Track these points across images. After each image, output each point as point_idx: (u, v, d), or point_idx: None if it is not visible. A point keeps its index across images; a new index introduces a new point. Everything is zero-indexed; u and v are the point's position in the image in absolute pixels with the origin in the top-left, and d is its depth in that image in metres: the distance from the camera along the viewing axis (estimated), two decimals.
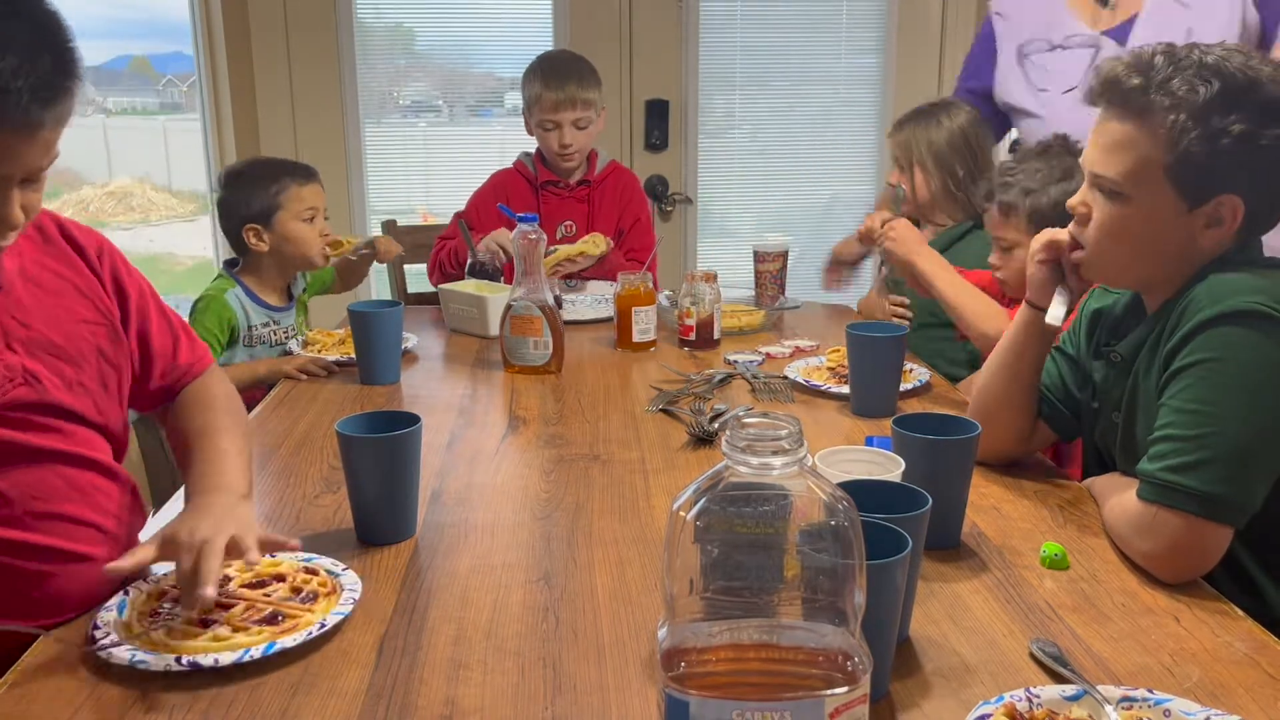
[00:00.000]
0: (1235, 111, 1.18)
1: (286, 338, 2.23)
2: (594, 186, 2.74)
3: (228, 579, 1.12)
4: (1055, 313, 1.39)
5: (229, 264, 2.27)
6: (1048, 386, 1.49)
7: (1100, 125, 1.29)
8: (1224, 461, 1.14)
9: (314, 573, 1.15)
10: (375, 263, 2.51)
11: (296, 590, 1.12)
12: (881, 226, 2.03)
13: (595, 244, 2.50)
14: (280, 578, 1.14)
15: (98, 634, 1.03)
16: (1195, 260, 1.27)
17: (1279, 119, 1.19)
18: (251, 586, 1.12)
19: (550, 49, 3.14)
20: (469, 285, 2.41)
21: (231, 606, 1.07)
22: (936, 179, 2.29)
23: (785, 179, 4.20)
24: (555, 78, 2.60)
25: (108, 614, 1.06)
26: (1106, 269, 1.35)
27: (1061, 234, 1.39)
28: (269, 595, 1.10)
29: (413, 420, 1.28)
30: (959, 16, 3.98)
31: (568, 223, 2.73)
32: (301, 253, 2.21)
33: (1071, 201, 1.35)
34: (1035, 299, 1.43)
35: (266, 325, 2.21)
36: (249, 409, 2.11)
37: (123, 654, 0.99)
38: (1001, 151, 2.62)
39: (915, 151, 2.31)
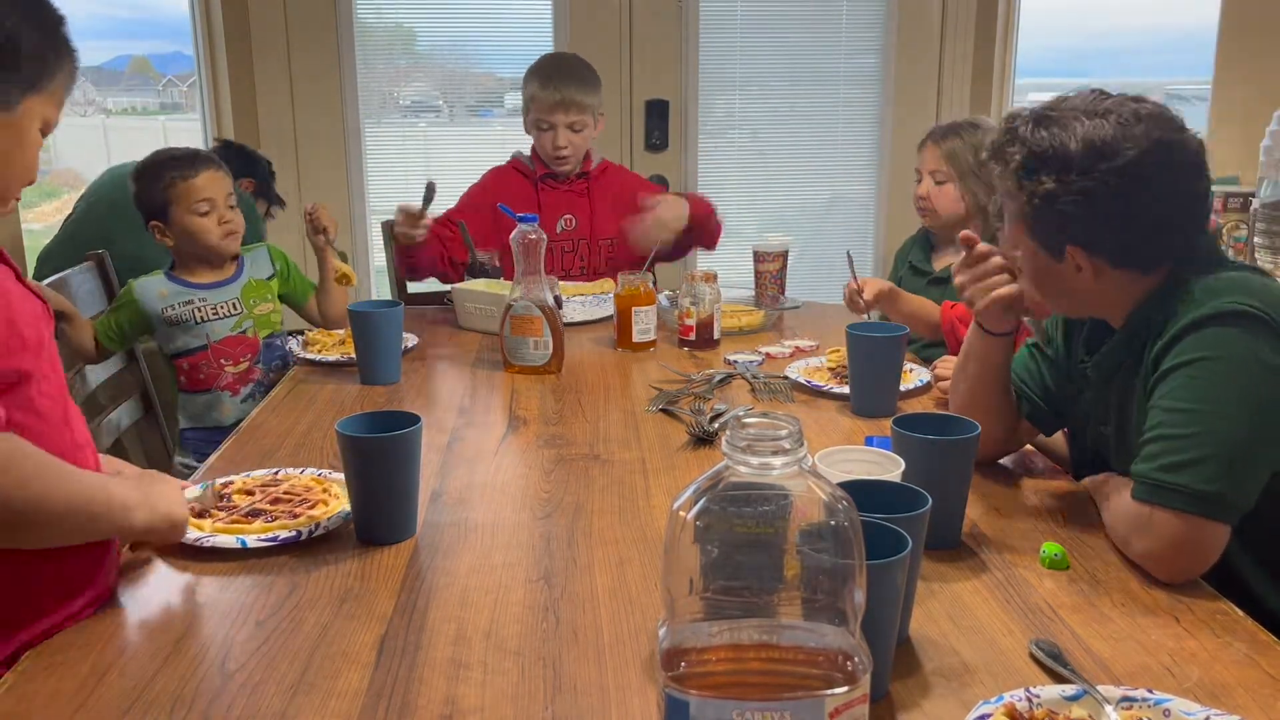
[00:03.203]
0: (1041, 172, 1.26)
1: (218, 314, 2.19)
2: (592, 179, 2.75)
3: (220, 495, 1.36)
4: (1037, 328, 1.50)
5: None
6: (1027, 384, 1.51)
7: None
8: (1216, 459, 1.15)
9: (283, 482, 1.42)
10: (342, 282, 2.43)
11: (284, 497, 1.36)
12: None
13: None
14: (250, 492, 1.38)
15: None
16: (1110, 291, 1.31)
17: (1071, 170, 1.24)
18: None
19: (553, 51, 3.14)
20: (480, 284, 2.41)
21: (248, 511, 1.31)
22: (982, 192, 2.26)
23: (785, 179, 4.20)
24: (553, 79, 2.61)
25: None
26: (1039, 305, 1.42)
27: (1002, 290, 1.44)
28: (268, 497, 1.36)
29: (413, 420, 1.28)
30: (959, 16, 3.98)
31: (567, 217, 2.73)
32: (201, 244, 2.18)
33: (1000, 262, 1.43)
34: (986, 324, 1.48)
35: (188, 303, 2.17)
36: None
37: (227, 541, 1.24)
38: None
39: (962, 162, 2.29)
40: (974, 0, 3.97)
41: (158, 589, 1.18)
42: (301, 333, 2.27)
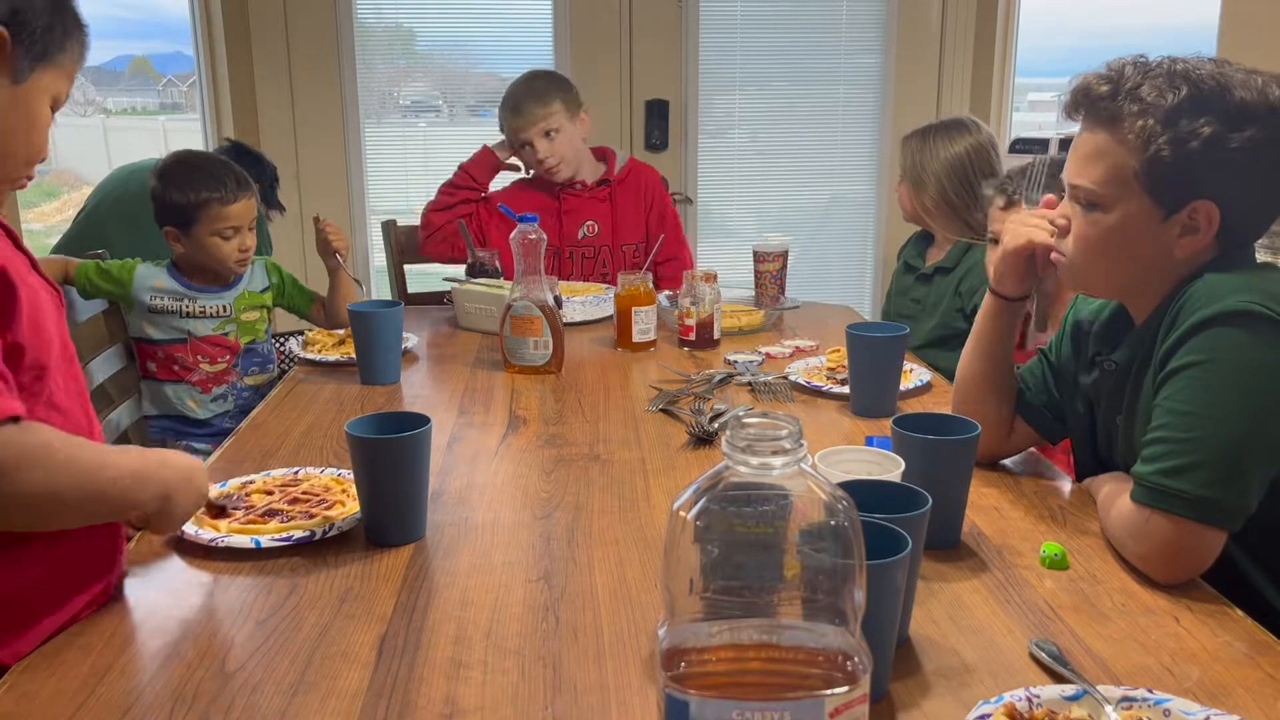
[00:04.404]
0: (1203, 115, 1.18)
1: (204, 314, 2.19)
2: (615, 185, 2.74)
3: (234, 495, 1.34)
4: (1037, 336, 1.46)
5: None
6: (1029, 384, 1.51)
7: (1077, 137, 1.29)
8: (1216, 465, 1.14)
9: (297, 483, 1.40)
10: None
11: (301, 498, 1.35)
12: None
13: None
14: (269, 491, 1.37)
15: (187, 533, 1.24)
16: (1173, 269, 1.27)
17: (1249, 122, 1.18)
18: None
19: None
20: (482, 285, 2.41)
21: (265, 510, 1.30)
22: (929, 196, 2.38)
23: (785, 179, 4.20)
24: (513, 103, 2.67)
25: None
26: (1084, 279, 1.35)
27: (1041, 235, 1.39)
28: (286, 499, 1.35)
29: (422, 421, 1.27)
30: (959, 16, 3.98)
31: (590, 223, 2.72)
32: (214, 265, 2.18)
33: (1051, 215, 1.36)
34: (1000, 287, 1.46)
35: (180, 299, 2.18)
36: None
37: (241, 542, 1.23)
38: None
39: (910, 168, 2.41)
40: (974, 0, 3.97)
41: (158, 589, 1.18)
42: (302, 332, 2.27)
